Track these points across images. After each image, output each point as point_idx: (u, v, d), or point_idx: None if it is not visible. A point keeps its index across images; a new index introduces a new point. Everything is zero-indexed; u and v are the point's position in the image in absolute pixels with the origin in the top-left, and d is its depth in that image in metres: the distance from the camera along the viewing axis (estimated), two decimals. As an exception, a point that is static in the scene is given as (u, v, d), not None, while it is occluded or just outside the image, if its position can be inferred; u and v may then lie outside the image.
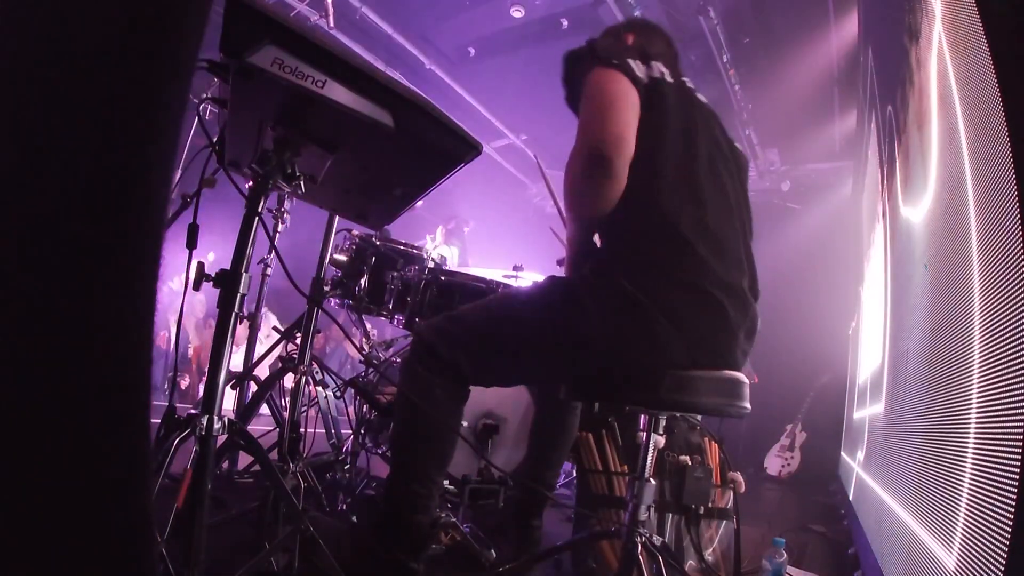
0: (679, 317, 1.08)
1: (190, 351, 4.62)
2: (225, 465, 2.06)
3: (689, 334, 1.09)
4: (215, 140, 1.15)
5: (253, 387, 2.12)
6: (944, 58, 1.23)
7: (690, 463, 1.63)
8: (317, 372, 1.90)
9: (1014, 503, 0.71)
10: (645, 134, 1.14)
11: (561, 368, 1.23)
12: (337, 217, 1.93)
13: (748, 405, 1.18)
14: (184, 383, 4.45)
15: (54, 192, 0.37)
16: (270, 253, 2.10)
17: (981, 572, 0.80)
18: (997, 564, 0.74)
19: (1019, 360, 0.75)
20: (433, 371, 1.23)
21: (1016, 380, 0.76)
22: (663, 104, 1.17)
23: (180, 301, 1.18)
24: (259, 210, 1.08)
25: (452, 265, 4.57)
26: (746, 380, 1.18)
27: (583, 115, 1.15)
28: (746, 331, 1.17)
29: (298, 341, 1.89)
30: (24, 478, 0.36)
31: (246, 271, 1.07)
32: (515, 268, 2.34)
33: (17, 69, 0.37)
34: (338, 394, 2.05)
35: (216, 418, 1.02)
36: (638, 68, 1.17)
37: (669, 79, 1.22)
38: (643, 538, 1.19)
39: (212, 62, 0.92)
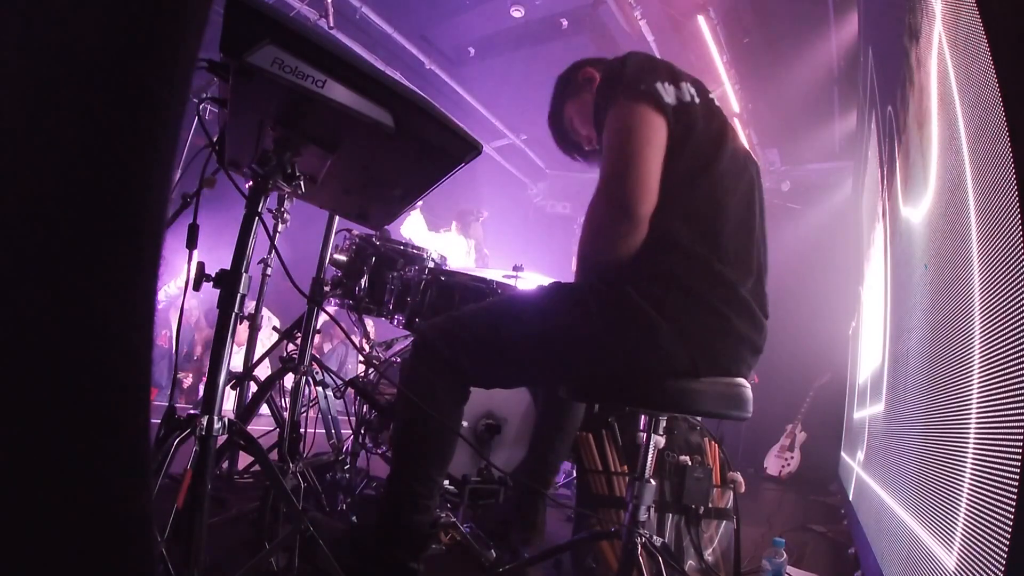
0: (685, 330, 1.08)
1: (197, 349, 4.65)
2: (225, 465, 2.06)
3: (694, 347, 1.08)
4: (215, 140, 1.15)
5: (253, 387, 2.12)
6: (944, 58, 1.23)
7: (690, 463, 1.63)
8: (317, 372, 1.90)
9: (1014, 503, 0.71)
10: (669, 160, 1.10)
11: (562, 371, 1.23)
12: (337, 217, 1.93)
13: (750, 411, 1.18)
14: (187, 382, 4.46)
15: (53, 192, 0.37)
16: (270, 253, 2.10)
17: (981, 572, 0.80)
18: (997, 564, 0.74)
19: (1019, 360, 0.75)
20: (434, 371, 1.23)
21: (1016, 380, 0.76)
22: (691, 132, 1.13)
23: (180, 301, 1.18)
24: (259, 210, 1.08)
25: (469, 256, 4.57)
26: (748, 386, 1.18)
27: (608, 156, 1.11)
28: (752, 347, 1.16)
29: (298, 341, 1.89)
30: (23, 478, 0.36)
31: (246, 271, 1.07)
32: (515, 268, 2.33)
33: (16, 68, 0.37)
34: (338, 394, 2.05)
35: (216, 418, 1.02)
36: (667, 92, 1.11)
37: (697, 99, 1.17)
38: (643, 538, 1.19)
39: (212, 62, 0.92)
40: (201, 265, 1.02)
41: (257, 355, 2.29)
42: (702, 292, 1.09)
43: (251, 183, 1.12)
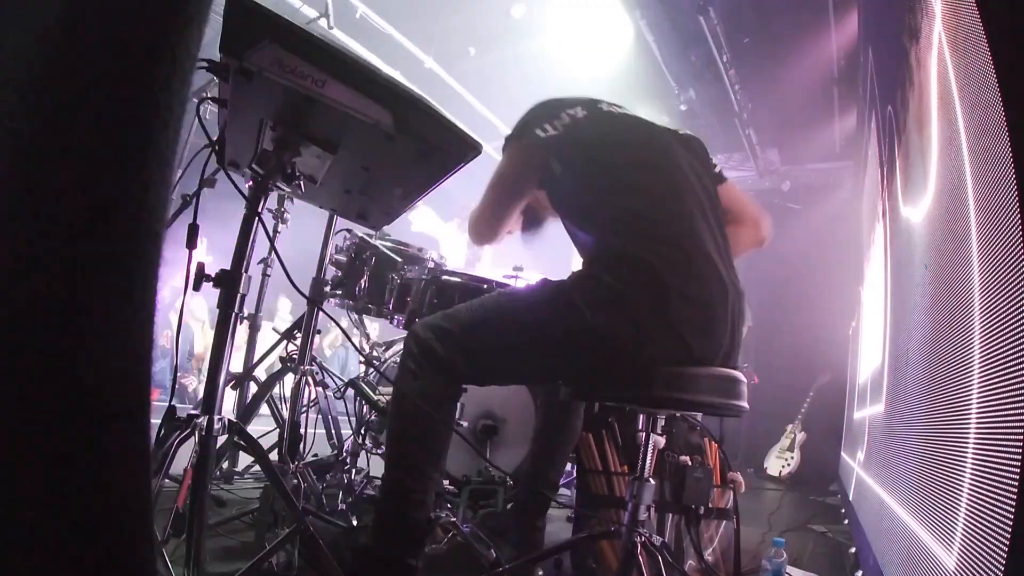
0: (667, 309, 1.10)
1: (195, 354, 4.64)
2: (225, 465, 2.06)
3: (679, 325, 1.11)
4: (215, 140, 1.15)
5: (253, 387, 2.12)
6: (944, 58, 1.23)
7: (690, 463, 1.63)
8: (317, 372, 1.90)
9: (1014, 503, 0.71)
10: (580, 170, 1.28)
11: (555, 366, 1.25)
12: (337, 217, 1.93)
13: (745, 404, 1.18)
14: (190, 385, 4.45)
15: (53, 192, 0.37)
16: (270, 253, 2.10)
17: (981, 572, 0.80)
18: (997, 564, 0.74)
19: (1019, 360, 0.75)
20: (428, 368, 1.24)
21: (1016, 380, 0.76)
22: (580, 142, 1.30)
23: (181, 301, 1.18)
24: (259, 210, 1.08)
25: (462, 251, 4.56)
26: (743, 378, 1.18)
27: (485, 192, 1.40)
28: (732, 319, 1.18)
29: (298, 341, 1.89)
30: (24, 478, 0.36)
31: (246, 271, 1.07)
32: (515, 268, 2.34)
33: (17, 68, 0.37)
34: (338, 395, 2.05)
35: (216, 418, 1.02)
36: (544, 129, 1.31)
37: (582, 114, 1.34)
38: (643, 538, 1.19)
39: (212, 62, 0.92)
40: (201, 265, 1.02)
41: (257, 355, 2.29)
42: (667, 269, 1.12)
43: (251, 183, 1.12)
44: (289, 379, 1.88)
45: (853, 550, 2.30)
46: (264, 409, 2.07)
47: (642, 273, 1.12)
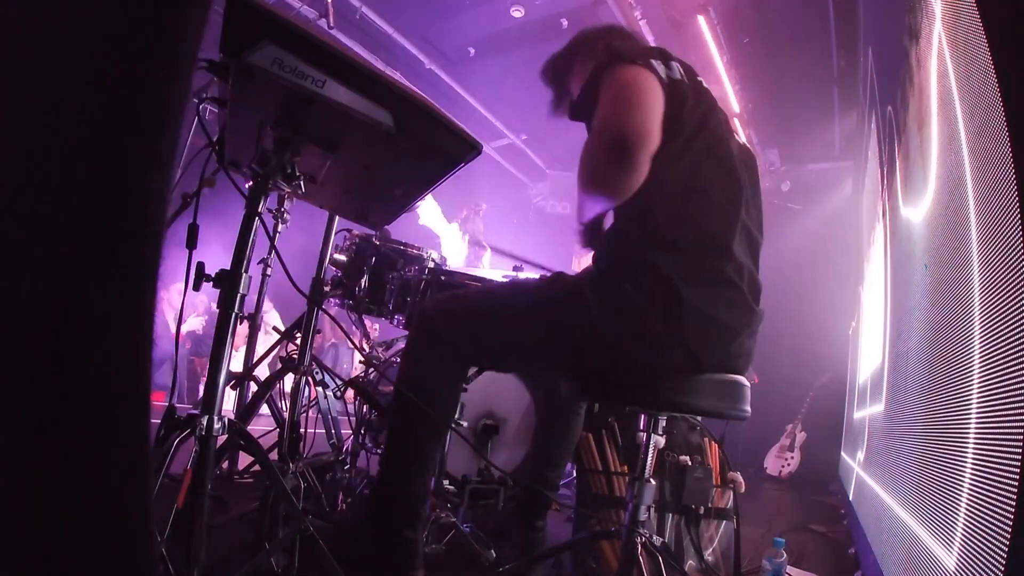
0: (680, 326, 1.08)
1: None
2: (225, 465, 2.06)
3: (690, 342, 1.09)
4: (215, 140, 1.15)
5: (253, 387, 2.11)
6: (944, 58, 1.23)
7: (690, 463, 1.63)
8: (317, 372, 1.90)
9: (1014, 503, 0.71)
10: (664, 132, 1.11)
11: (558, 363, 1.25)
12: (337, 217, 1.93)
13: (748, 408, 1.18)
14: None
15: (54, 192, 0.37)
16: (270, 253, 2.10)
17: (981, 572, 0.80)
18: (997, 564, 0.74)
19: (1019, 360, 0.75)
20: (431, 345, 1.25)
21: (1016, 380, 0.76)
22: (681, 109, 1.14)
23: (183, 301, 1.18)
24: (259, 210, 1.08)
25: (463, 250, 4.56)
26: (747, 383, 1.18)
27: (604, 108, 1.10)
28: (748, 334, 1.17)
29: (298, 341, 1.89)
30: (23, 478, 0.36)
31: (246, 271, 1.07)
32: (515, 268, 2.34)
33: (17, 68, 0.37)
34: (338, 395, 2.05)
35: (216, 418, 1.02)
36: (660, 69, 1.15)
37: (686, 79, 1.21)
38: (643, 538, 1.19)
39: (212, 62, 0.92)
40: (201, 265, 1.02)
41: (257, 355, 2.29)
42: (688, 285, 1.08)
43: (251, 183, 1.12)
44: (289, 379, 1.88)
45: (853, 550, 2.30)
46: (264, 409, 2.07)
47: (663, 288, 1.08)
